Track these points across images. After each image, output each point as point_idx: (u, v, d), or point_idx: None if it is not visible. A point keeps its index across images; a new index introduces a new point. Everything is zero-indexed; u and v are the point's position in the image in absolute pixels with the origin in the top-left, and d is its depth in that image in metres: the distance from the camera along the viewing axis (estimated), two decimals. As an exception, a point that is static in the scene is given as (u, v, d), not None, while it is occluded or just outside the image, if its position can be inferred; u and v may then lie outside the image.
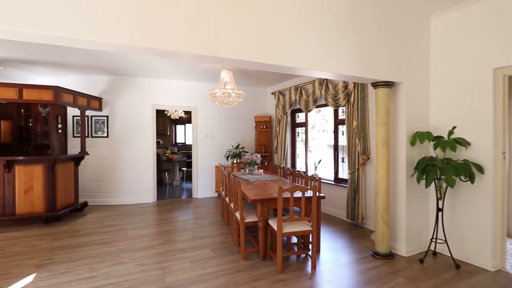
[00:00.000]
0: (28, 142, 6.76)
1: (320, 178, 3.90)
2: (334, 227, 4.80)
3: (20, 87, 4.69)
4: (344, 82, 4.82)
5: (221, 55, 2.50)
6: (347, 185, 4.99)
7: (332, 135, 5.63)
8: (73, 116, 6.37)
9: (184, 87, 6.83)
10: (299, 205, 3.29)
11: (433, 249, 3.60)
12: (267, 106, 7.70)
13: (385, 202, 3.52)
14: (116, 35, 2.10)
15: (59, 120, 5.86)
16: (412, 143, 3.51)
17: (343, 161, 5.42)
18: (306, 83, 5.94)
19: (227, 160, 6.92)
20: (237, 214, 3.73)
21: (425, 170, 3.29)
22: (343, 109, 5.27)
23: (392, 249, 3.66)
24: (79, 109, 5.76)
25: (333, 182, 5.54)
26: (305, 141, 6.41)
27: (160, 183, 9.16)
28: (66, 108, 6.05)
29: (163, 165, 9.37)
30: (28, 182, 4.86)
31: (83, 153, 5.83)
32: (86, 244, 4.00)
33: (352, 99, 4.75)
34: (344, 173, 5.41)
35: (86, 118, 6.39)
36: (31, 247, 3.88)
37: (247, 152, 7.14)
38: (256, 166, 5.46)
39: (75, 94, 5.44)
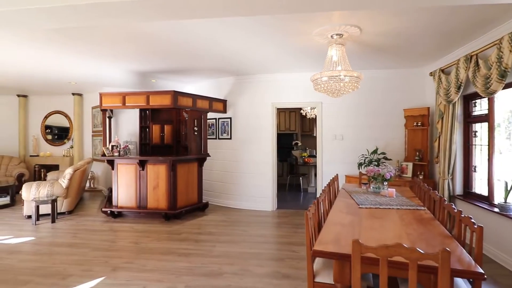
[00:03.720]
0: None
1: (481, 228, 1.87)
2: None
3: (147, 94, 5.21)
4: None
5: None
6: None
7: (547, 136, 2.96)
8: (207, 119, 6.70)
9: (305, 79, 5.73)
10: (419, 279, 1.58)
11: None
12: (424, 94, 5.35)
13: None
14: None
15: (195, 123, 6.28)
16: None
17: None
18: (485, 47, 3.46)
19: (359, 168, 5.25)
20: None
21: None
22: None
23: None
24: (200, 111, 5.93)
25: (546, 226, 2.90)
26: (489, 145, 3.82)
27: (297, 188, 8.47)
28: (201, 112, 6.40)
29: (299, 169, 8.64)
30: (155, 180, 5.36)
31: (204, 154, 5.97)
32: (170, 251, 3.80)
33: None
34: None
35: (215, 120, 6.59)
36: (133, 244, 4.08)
37: (389, 159, 5.19)
38: (385, 183, 3.68)
39: (195, 97, 5.59)
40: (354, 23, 3.30)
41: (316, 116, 8.29)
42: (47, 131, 9.23)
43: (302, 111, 8.31)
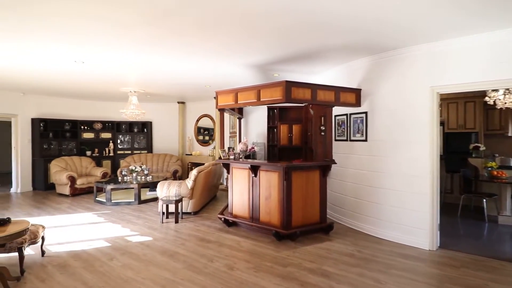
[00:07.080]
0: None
1: None
2: None
3: (258, 89, 4.44)
4: None
5: None
6: None
7: None
8: (335, 116, 5.36)
9: (487, 44, 3.39)
10: None
11: None
12: None
13: None
14: None
15: (322, 121, 5.12)
16: None
17: None
18: None
19: None
20: None
21: None
22: None
23: None
24: (326, 106, 4.66)
25: None
26: None
27: (478, 213, 5.68)
28: (330, 108, 5.14)
29: (482, 186, 5.79)
30: (267, 190, 4.54)
31: (329, 161, 4.65)
32: (262, 295, 2.83)
33: None
34: None
35: (345, 117, 5.15)
36: (227, 270, 3.36)
37: None
38: None
39: (314, 88, 4.38)
40: None
41: (516, 104, 5.32)
42: (204, 132, 10.33)
43: (486, 97, 5.49)
